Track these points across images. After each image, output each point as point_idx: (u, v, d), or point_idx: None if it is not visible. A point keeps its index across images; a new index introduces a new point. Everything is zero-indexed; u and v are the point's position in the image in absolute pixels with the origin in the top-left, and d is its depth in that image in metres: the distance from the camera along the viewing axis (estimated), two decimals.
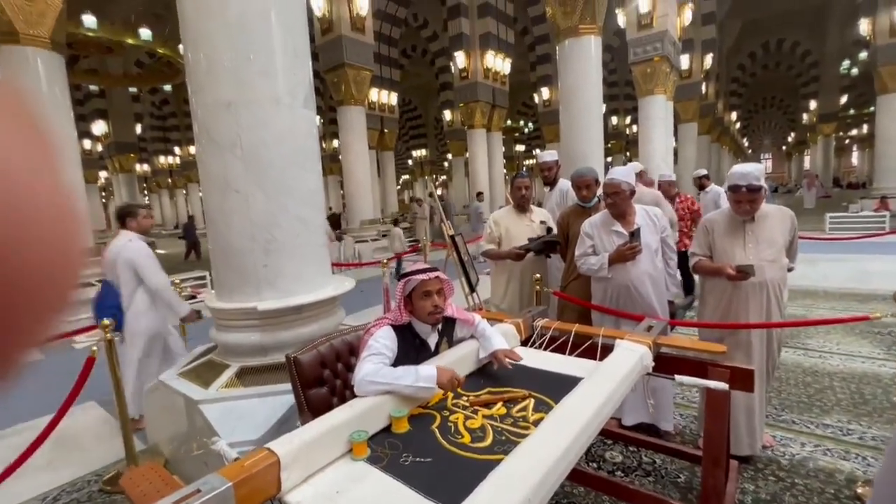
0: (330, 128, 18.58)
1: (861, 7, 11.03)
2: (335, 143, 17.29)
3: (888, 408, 2.51)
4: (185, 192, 25.59)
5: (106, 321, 2.25)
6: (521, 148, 27.15)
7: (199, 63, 2.21)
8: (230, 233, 2.26)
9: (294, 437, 1.14)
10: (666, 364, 1.70)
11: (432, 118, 25.82)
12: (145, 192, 26.70)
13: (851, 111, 21.18)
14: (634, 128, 13.64)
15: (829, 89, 19.15)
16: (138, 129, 18.09)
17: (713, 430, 1.59)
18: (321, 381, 1.72)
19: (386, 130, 14.07)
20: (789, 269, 2.17)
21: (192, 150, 20.70)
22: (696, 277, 2.41)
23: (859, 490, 1.87)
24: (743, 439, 2.08)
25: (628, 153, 20.97)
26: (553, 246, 2.89)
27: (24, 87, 0.22)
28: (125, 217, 2.94)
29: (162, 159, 22.62)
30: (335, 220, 13.74)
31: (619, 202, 2.30)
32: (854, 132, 26.12)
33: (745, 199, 2.01)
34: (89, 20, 9.68)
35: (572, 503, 1.91)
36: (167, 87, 18.07)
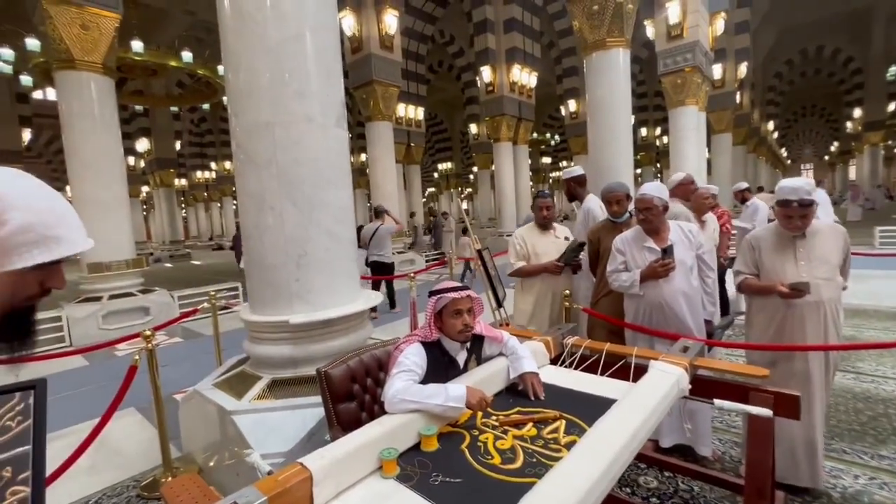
0: (358, 142, 19.03)
1: None
2: (363, 157, 17.68)
3: None
4: (219, 205, 26.64)
5: (147, 332, 2.35)
6: (547, 160, 26.99)
7: (239, 86, 2.32)
8: (264, 248, 2.34)
9: (326, 453, 1.15)
10: (704, 387, 1.63)
11: (458, 132, 26.09)
12: (182, 205, 27.95)
13: None
14: (665, 139, 13.35)
15: (876, 96, 18.27)
16: (178, 145, 19.03)
17: (757, 458, 1.51)
18: (351, 396, 1.74)
19: (412, 144, 14.29)
20: (843, 289, 2.06)
21: (227, 164, 21.61)
22: (732, 297, 2.32)
23: None
24: (803, 470, 1.98)
25: (658, 164, 20.51)
26: (580, 250, 2.84)
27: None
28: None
29: (199, 174, 23.69)
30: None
31: (651, 218, 2.25)
32: None
33: (797, 213, 1.93)
34: (137, 45, 10.33)
35: None
36: (205, 106, 19.01)
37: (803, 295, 1.90)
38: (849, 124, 22.20)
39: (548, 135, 23.44)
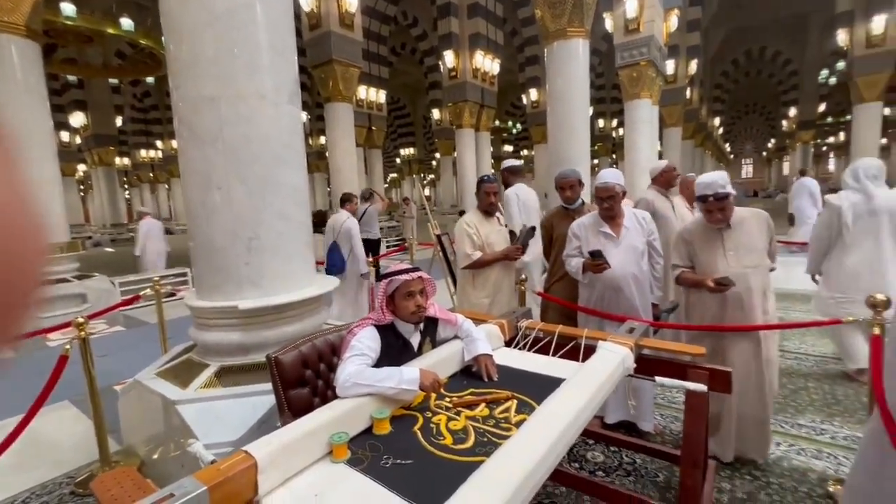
0: (317, 124, 18.40)
1: (839, 18, 11.34)
2: (322, 139, 17.13)
3: (859, 408, 2.58)
4: (167, 186, 25.06)
5: (80, 319, 2.18)
6: (509, 148, 27.26)
7: (182, 56, 2.16)
8: (211, 230, 2.22)
9: (273, 439, 1.12)
10: (647, 365, 1.72)
11: (421, 117, 25.77)
12: (125, 186, 26.06)
13: (829, 119, 21.80)
14: (621, 131, 13.81)
15: (809, 97, 19.67)
16: (118, 121, 17.64)
17: (692, 431, 1.62)
18: (303, 382, 1.70)
19: (374, 128, 13.98)
20: (771, 270, 2.20)
21: (174, 143, 20.23)
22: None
23: (831, 489, 1.92)
24: (739, 442, 2.12)
25: (615, 155, 21.23)
26: (531, 234, 2.85)
27: None
28: (344, 202, 4.92)
29: (143, 153, 22.09)
30: (321, 218, 13.62)
31: (613, 205, 2.32)
32: (831, 140, 26.88)
33: (715, 207, 2.04)
34: (68, 8, 9.39)
35: (553, 502, 1.92)
36: (149, 80, 17.69)
37: (728, 288, 2.03)
38: (784, 123, 23.85)
39: (510, 123, 23.64)
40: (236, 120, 2.15)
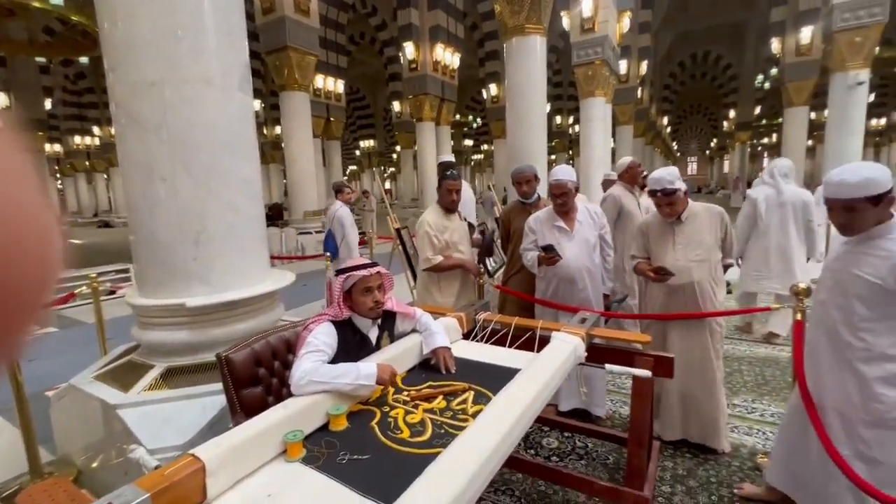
0: (271, 113, 17.67)
1: (772, 28, 12.20)
2: (277, 129, 16.49)
3: (784, 387, 2.83)
4: (105, 176, 23.27)
5: None
6: (469, 142, 27.41)
7: (117, 36, 2.01)
8: (155, 223, 2.09)
9: (222, 441, 1.08)
10: (598, 354, 1.80)
11: (381, 108, 25.36)
12: (57, 175, 23.96)
13: (764, 121, 23.44)
14: (577, 128, 14.23)
15: (746, 100, 21.06)
16: (48, 104, 16.17)
17: (638, 414, 1.71)
18: (256, 381, 1.65)
19: (332, 119, 13.62)
20: (728, 266, 2.32)
21: (113, 130, 18.74)
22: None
23: (759, 461, 2.10)
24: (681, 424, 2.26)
25: (571, 152, 21.85)
26: (493, 238, 2.90)
27: None
28: (337, 192, 4.89)
29: (77, 139, 20.37)
30: (277, 211, 13.17)
31: (567, 201, 2.39)
32: (765, 140, 28.96)
33: (664, 202, 2.16)
34: None
35: (510, 489, 1.98)
36: (83, 60, 16.30)
37: (667, 278, 2.16)
38: (725, 124, 25.44)
39: (470, 117, 23.75)
40: (181, 106, 2.03)
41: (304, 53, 8.82)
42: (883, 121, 23.28)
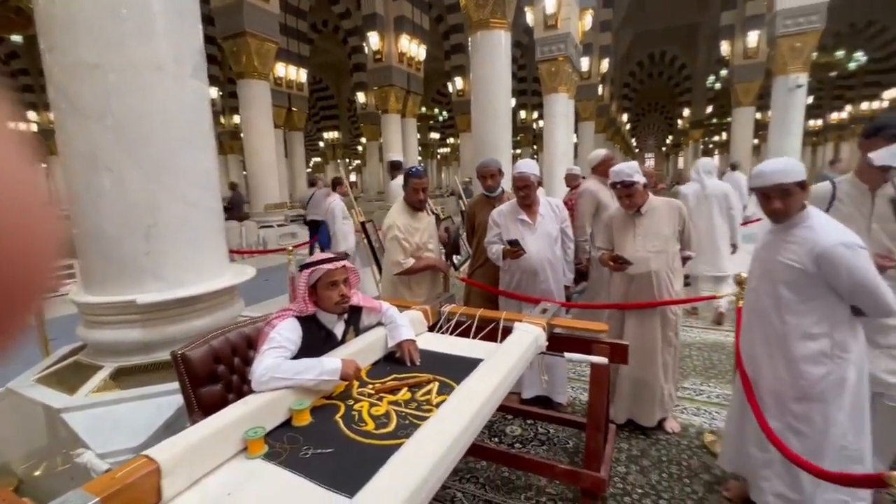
0: (230, 101, 16.91)
1: (722, 31, 12.83)
2: (236, 118, 15.81)
3: (729, 370, 3.03)
4: (44, 165, 21.57)
5: None
6: (435, 136, 27.31)
7: (53, 12, 1.87)
8: (100, 216, 1.97)
9: (178, 441, 1.05)
10: (558, 343, 1.86)
11: (345, 99, 24.80)
12: None
13: (714, 120, 24.68)
14: (541, 122, 14.50)
15: (699, 100, 22.08)
16: None
17: (595, 399, 1.79)
18: (214, 378, 1.60)
19: (294, 109, 13.23)
20: (687, 258, 2.43)
21: (52, 116, 17.36)
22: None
23: (706, 439, 2.25)
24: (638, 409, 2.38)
25: (535, 146, 22.22)
26: (458, 235, 2.89)
27: None
28: (335, 185, 5.31)
29: (11, 126, 18.74)
30: (237, 204, 12.66)
31: (529, 193, 2.44)
32: (716, 138, 30.53)
33: (623, 193, 2.25)
34: None
35: (475, 476, 2.03)
36: (15, 38, 14.96)
37: (625, 267, 2.27)
38: (679, 122, 26.60)
39: (436, 110, 23.66)
40: (128, 93, 1.92)
41: (263, 40, 8.48)
42: (819, 122, 25.02)
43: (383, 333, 1.74)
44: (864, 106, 20.82)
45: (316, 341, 1.55)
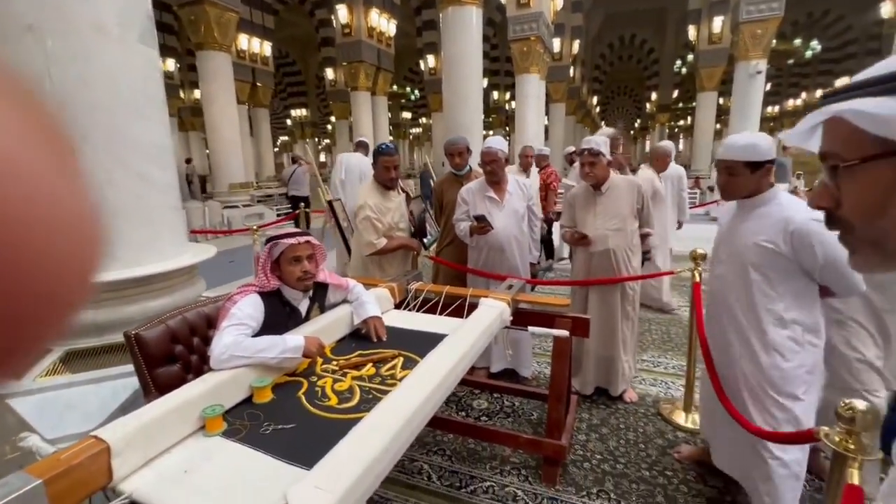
0: (189, 75, 16.02)
1: (689, 15, 13.05)
2: (196, 93, 15.00)
3: (684, 343, 3.18)
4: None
5: None
6: (407, 115, 26.84)
7: None
8: None
9: (129, 420, 1.02)
10: (523, 318, 1.90)
11: (313, 76, 23.89)
12: None
13: (680, 104, 25.30)
14: (513, 103, 14.48)
15: (666, 84, 22.51)
16: None
17: (557, 371, 1.85)
18: (172, 359, 1.55)
19: (259, 84, 12.66)
20: (645, 235, 2.47)
21: None
22: (556, 245, 2.71)
23: (660, 408, 2.37)
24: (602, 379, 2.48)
25: (508, 128, 22.21)
26: (425, 213, 2.87)
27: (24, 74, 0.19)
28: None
29: None
30: (201, 182, 12.16)
31: (496, 169, 2.44)
32: (682, 122, 31.37)
33: (586, 160, 2.30)
34: None
35: (442, 449, 2.07)
36: None
37: (588, 243, 2.34)
38: (647, 105, 27.13)
39: (408, 89, 23.19)
40: (69, 58, 1.79)
41: (223, 9, 8.02)
42: (777, 108, 26.07)
43: (349, 310, 1.73)
44: (818, 94, 21.77)
45: (279, 318, 1.52)
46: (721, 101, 14.01)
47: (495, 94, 20.17)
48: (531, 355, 2.76)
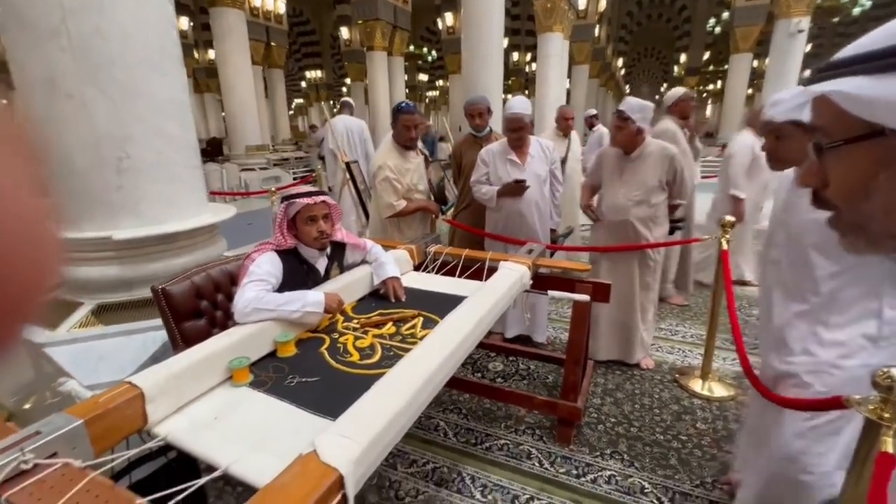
0: (203, 34, 15.74)
1: None
2: (211, 53, 14.77)
3: (705, 312, 3.15)
4: (4, 101, 20.21)
5: None
6: (424, 77, 26.10)
7: None
8: (65, 147, 1.86)
9: (161, 369, 1.05)
10: (543, 282, 1.88)
11: (328, 35, 23.25)
12: None
13: (711, 67, 24.00)
14: (534, 65, 13.89)
15: (697, 45, 21.30)
16: None
17: (575, 335, 1.84)
18: (198, 313, 1.60)
19: (273, 44, 12.39)
20: (675, 206, 2.37)
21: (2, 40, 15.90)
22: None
23: (677, 375, 2.37)
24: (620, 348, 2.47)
25: (527, 91, 21.45)
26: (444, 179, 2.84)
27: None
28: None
29: None
30: (216, 146, 12.18)
31: (523, 135, 2.36)
32: (711, 87, 29.86)
33: (615, 123, 2.20)
34: None
35: (458, 408, 2.12)
36: None
37: (599, 218, 2.36)
38: (675, 68, 25.81)
39: (424, 49, 22.44)
40: (82, 7, 1.74)
41: None
42: None
43: (368, 271, 1.74)
44: None
45: (298, 276, 1.53)
46: (755, 63, 13.24)
47: (515, 56, 19.38)
48: (546, 320, 2.76)
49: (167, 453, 1.18)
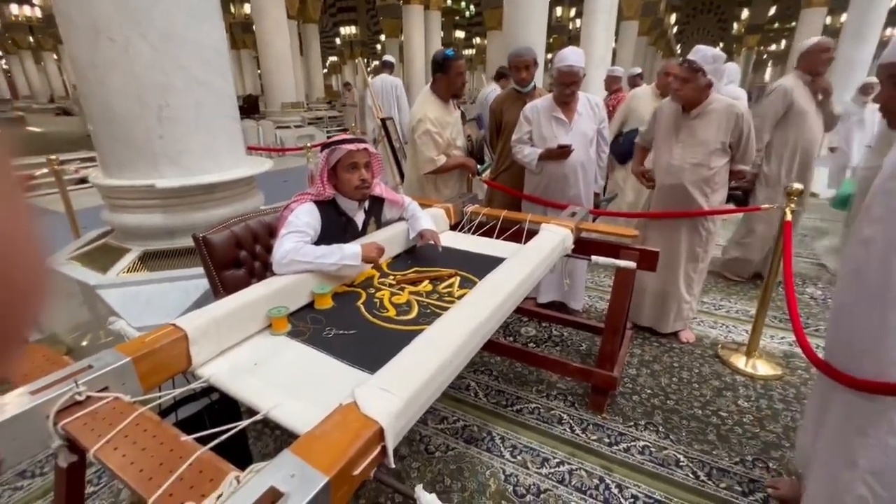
0: None
1: None
2: (246, 7, 14.60)
3: (753, 288, 2.98)
4: (55, 56, 20.87)
5: None
6: (460, 34, 25.05)
7: None
8: (108, 93, 1.87)
9: (203, 313, 1.06)
10: (585, 247, 1.80)
11: None
12: None
13: (776, 24, 21.81)
14: (578, 22, 12.99)
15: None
16: None
17: (616, 303, 1.77)
18: (237, 263, 1.62)
19: None
20: (737, 172, 2.15)
21: None
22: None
23: (719, 351, 2.26)
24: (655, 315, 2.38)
25: None
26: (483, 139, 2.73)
27: None
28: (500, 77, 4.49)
29: (15, 8, 17.77)
30: (252, 103, 12.26)
31: (576, 90, 2.20)
32: (773, 47, 27.29)
33: (682, 74, 1.99)
34: None
35: (489, 370, 2.12)
36: None
37: (650, 184, 2.23)
38: (735, 25, 23.62)
39: (462, 4, 21.40)
40: None
41: None
42: None
43: (405, 227, 1.70)
44: None
45: (336, 229, 1.51)
46: (828, 20, 11.91)
47: (558, 11, 18.21)
48: (583, 288, 2.68)
49: (210, 395, 1.23)
